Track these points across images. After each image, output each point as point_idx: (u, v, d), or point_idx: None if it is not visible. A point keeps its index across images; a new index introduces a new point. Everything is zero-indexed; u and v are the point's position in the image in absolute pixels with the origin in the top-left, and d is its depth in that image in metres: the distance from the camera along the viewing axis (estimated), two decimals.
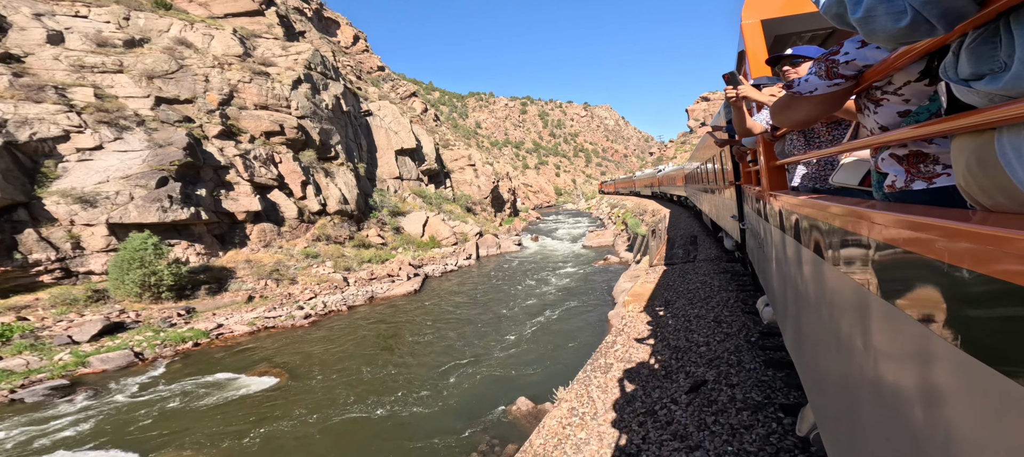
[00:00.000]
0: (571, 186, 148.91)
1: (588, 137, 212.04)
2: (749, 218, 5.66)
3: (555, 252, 34.21)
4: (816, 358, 2.13)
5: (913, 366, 1.00)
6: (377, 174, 36.12)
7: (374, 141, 37.32)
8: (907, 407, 1.05)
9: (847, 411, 1.60)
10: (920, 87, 1.31)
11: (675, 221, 21.94)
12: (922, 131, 0.98)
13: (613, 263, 27.45)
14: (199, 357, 13.25)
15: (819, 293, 1.93)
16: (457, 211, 43.03)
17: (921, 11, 0.75)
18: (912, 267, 0.97)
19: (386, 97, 55.04)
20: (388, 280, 22.54)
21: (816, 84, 1.55)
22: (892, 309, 1.09)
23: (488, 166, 59.53)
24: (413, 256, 28.28)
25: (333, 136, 28.46)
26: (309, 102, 26.76)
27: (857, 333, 1.40)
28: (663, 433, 4.63)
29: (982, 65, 0.74)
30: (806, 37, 4.23)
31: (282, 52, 28.79)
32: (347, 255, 23.04)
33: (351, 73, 58.17)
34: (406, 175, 39.35)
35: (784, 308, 3.23)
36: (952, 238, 0.78)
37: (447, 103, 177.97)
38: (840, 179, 2.09)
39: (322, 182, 25.25)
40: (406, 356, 12.81)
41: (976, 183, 0.81)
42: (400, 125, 39.56)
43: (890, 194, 1.37)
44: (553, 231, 50.72)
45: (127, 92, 19.11)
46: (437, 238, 33.00)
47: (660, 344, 6.99)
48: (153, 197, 16.36)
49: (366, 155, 35.30)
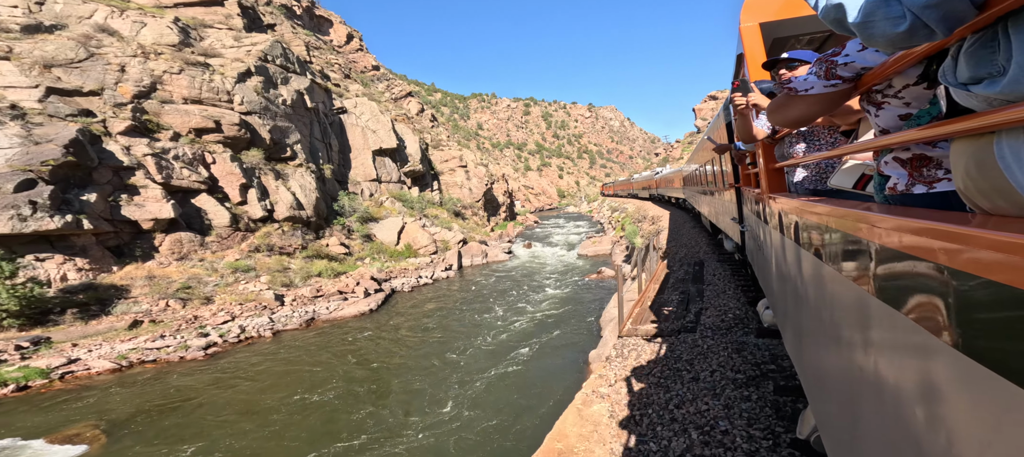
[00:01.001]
0: (574, 188, 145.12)
1: (592, 138, 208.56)
2: (748, 220, 5.49)
3: (546, 262, 30.72)
4: (817, 360, 2.13)
5: (913, 369, 1.00)
6: (350, 176, 32.82)
7: (348, 140, 34.04)
8: (908, 410, 1.04)
9: (848, 414, 1.58)
10: (919, 90, 1.31)
11: (675, 232, 18.25)
12: (923, 134, 0.99)
13: (608, 277, 23.93)
14: (3, 408, 9.95)
15: (819, 296, 1.93)
16: (442, 216, 39.63)
17: (920, 16, 0.74)
18: (912, 270, 0.97)
19: (373, 96, 51.90)
20: (339, 298, 19.11)
21: (813, 83, 1.55)
22: (892, 312, 1.09)
23: (481, 167, 56.09)
24: (381, 268, 24.85)
25: (290, 134, 25.18)
26: (260, 97, 23.52)
27: (857, 336, 1.40)
28: None
29: (980, 69, 0.75)
30: (804, 40, 4.11)
31: (235, 43, 25.63)
32: (292, 268, 19.67)
33: (338, 71, 55.12)
34: (385, 177, 36.01)
35: (784, 310, 3.18)
36: (951, 241, 0.79)
37: (449, 104, 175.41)
38: (836, 182, 2.10)
39: (271, 185, 21.94)
40: (295, 414, 9.39)
41: (975, 186, 0.82)
42: (379, 123, 36.25)
43: (891, 197, 1.37)
44: (549, 237, 47.19)
45: (8, 82, 15.95)
46: (414, 247, 29.58)
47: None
48: (7, 203, 13.09)
49: (337, 156, 32.01)
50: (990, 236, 0.67)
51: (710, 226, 13.89)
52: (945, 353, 0.82)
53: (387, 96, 72.98)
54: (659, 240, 17.01)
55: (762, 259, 4.44)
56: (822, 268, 1.80)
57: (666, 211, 32.91)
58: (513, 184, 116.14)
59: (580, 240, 41.70)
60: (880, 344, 1.20)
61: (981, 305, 0.71)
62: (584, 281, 23.66)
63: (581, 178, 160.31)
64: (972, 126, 0.76)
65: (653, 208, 33.94)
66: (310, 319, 17.01)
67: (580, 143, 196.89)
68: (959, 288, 0.77)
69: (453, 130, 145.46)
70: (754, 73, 3.42)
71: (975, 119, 0.75)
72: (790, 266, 2.61)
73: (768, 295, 4.52)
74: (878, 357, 1.22)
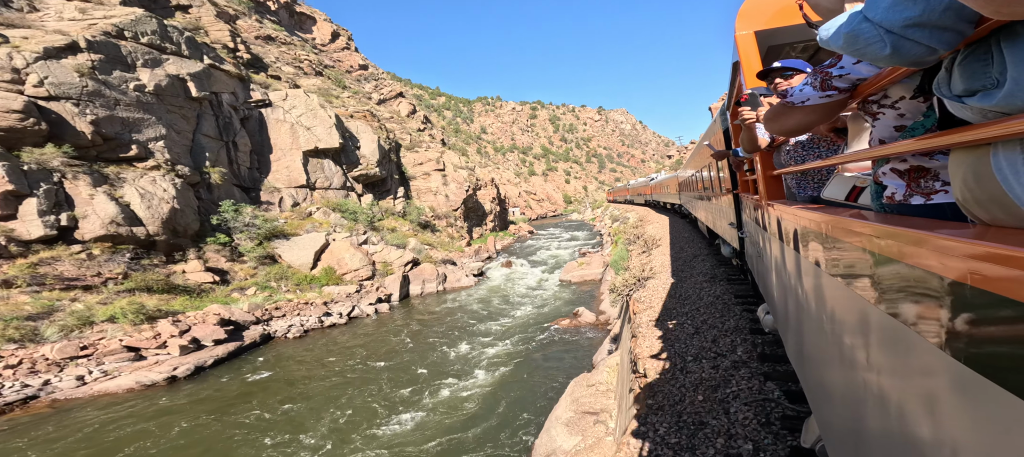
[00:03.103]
0: (582, 193, 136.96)
1: (602, 142, 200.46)
2: (747, 227, 5.44)
3: (519, 291, 23.46)
4: (819, 370, 2.09)
5: (916, 380, 1.00)
6: (267, 181, 26.04)
7: (269, 139, 27.30)
8: (912, 421, 1.04)
9: (852, 424, 1.56)
10: (915, 101, 1.31)
11: (681, 272, 10.72)
12: (921, 145, 0.99)
13: (585, 325, 16.57)
14: None
15: (820, 304, 1.91)
16: (402, 230, 32.57)
17: (906, 36, 0.77)
18: (912, 280, 0.96)
19: (330, 92, 45.31)
20: (127, 357, 12.11)
21: (809, 94, 1.55)
22: (893, 322, 1.09)
23: (462, 171, 48.99)
24: (266, 302, 17.80)
25: (143, 128, 18.50)
26: (88, 80, 16.81)
27: (860, 344, 1.39)
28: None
29: (974, 81, 0.76)
30: (799, 47, 4.08)
31: (79, 15, 19.15)
32: (78, 309, 12.71)
33: (286, 61, 48.70)
34: (323, 183, 29.14)
35: (785, 318, 3.17)
36: (950, 252, 0.78)
37: (452, 108, 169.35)
38: (829, 194, 2.09)
39: (79, 193, 15.16)
40: None
41: (973, 197, 0.82)
42: (317, 119, 29.44)
43: (888, 206, 1.36)
44: (537, 251, 39.76)
45: None
46: (339, 271, 22.54)
47: None
48: None
49: (246, 157, 25.26)
50: (988, 247, 0.67)
51: (707, 232, 13.60)
52: (946, 364, 0.82)
53: (376, 96, 66.84)
54: (647, 293, 9.51)
55: (762, 265, 4.39)
56: (822, 276, 1.79)
57: (665, 219, 25.80)
58: (513, 189, 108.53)
59: (571, 256, 34.29)
60: (882, 354, 1.20)
61: (981, 316, 0.71)
62: (554, 330, 16.35)
63: (589, 183, 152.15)
64: (969, 138, 0.76)
65: (651, 225, 26.25)
66: (31, 397, 10.10)
67: (589, 146, 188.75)
68: (959, 298, 0.76)
69: (453, 134, 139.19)
70: (750, 81, 3.37)
71: (972, 131, 0.75)
72: (790, 273, 2.59)
73: (768, 301, 4.38)
74: (881, 367, 1.21)
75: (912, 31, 0.75)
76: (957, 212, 1.01)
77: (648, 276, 11.85)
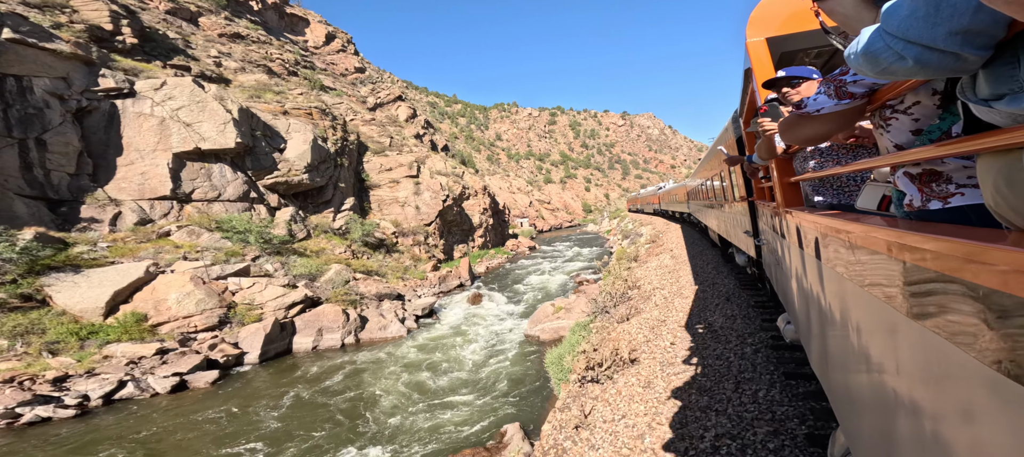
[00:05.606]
0: (603, 201, 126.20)
1: (626, 147, 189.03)
2: (765, 234, 5.39)
3: (456, 357, 14.57)
4: (845, 381, 2.00)
5: (950, 391, 0.97)
6: (102, 192, 18.29)
7: (119, 138, 19.64)
8: (945, 434, 1.01)
9: (882, 437, 1.51)
10: (928, 106, 1.28)
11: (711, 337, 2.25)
12: (943, 151, 0.95)
13: None
14: None
15: (844, 313, 1.85)
16: (328, 253, 24.29)
17: (961, 50, 0.74)
18: (946, 289, 0.93)
19: (265, 86, 37.95)
20: None
21: (823, 104, 1.52)
22: (925, 332, 1.05)
23: (442, 178, 40.58)
24: None
25: None
26: None
27: (888, 356, 1.34)
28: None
29: (1001, 86, 0.75)
30: (813, 53, 3.96)
31: None
32: None
33: (249, 59, 41.82)
34: (206, 193, 21.23)
35: (808, 328, 3.10)
36: (985, 260, 0.76)
37: (467, 115, 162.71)
38: (862, 204, 1.99)
39: None
40: None
41: (1006, 203, 0.80)
42: (205, 113, 21.70)
43: (910, 213, 1.33)
44: (526, 276, 30.56)
45: None
46: (156, 318, 14.30)
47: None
48: None
49: (71, 160, 17.62)
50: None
51: (719, 240, 13.39)
52: (982, 374, 0.80)
53: (372, 100, 59.82)
54: None
55: (781, 274, 4.32)
56: (847, 285, 1.73)
57: (676, 228, 16.82)
58: (524, 198, 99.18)
59: (563, 286, 25.11)
60: (912, 365, 1.16)
61: (1019, 324, 0.69)
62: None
63: (611, 190, 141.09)
64: (999, 143, 0.75)
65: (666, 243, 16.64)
66: None
67: (612, 152, 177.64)
68: (996, 307, 0.74)
69: (465, 140, 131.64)
70: (761, 89, 3.38)
71: (1002, 136, 0.73)
72: (812, 282, 2.53)
73: (789, 310, 4.36)
74: (912, 378, 1.18)
75: (947, 41, 0.74)
76: (979, 216, 1.01)
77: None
